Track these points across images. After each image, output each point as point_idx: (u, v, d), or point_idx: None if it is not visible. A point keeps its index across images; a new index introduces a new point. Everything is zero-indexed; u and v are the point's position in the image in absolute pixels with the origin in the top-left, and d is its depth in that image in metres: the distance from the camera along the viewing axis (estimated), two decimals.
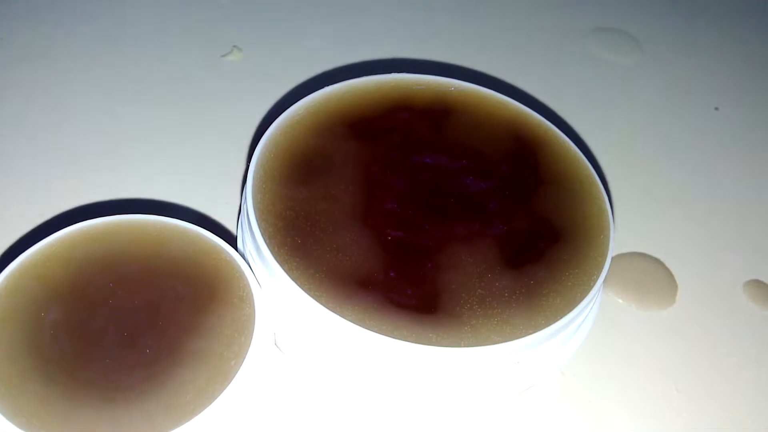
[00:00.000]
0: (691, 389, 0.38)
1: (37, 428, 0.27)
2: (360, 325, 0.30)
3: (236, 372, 0.29)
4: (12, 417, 0.27)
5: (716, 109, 0.54)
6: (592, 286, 0.33)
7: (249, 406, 0.30)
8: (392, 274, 0.33)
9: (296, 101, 0.39)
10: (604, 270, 0.34)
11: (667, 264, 0.44)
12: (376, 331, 0.30)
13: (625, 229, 0.45)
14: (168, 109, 0.48)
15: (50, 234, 0.33)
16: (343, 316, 0.31)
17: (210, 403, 0.28)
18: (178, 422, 0.28)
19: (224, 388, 0.29)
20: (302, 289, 0.31)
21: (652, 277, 0.43)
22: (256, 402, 0.31)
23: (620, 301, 0.42)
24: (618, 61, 0.58)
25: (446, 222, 0.35)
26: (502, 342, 0.31)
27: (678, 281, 0.43)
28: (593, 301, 0.34)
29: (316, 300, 0.31)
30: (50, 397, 0.28)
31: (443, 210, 0.35)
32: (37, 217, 0.40)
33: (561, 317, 0.32)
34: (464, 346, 0.30)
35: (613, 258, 0.43)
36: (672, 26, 0.62)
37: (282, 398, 0.36)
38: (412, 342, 0.30)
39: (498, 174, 0.37)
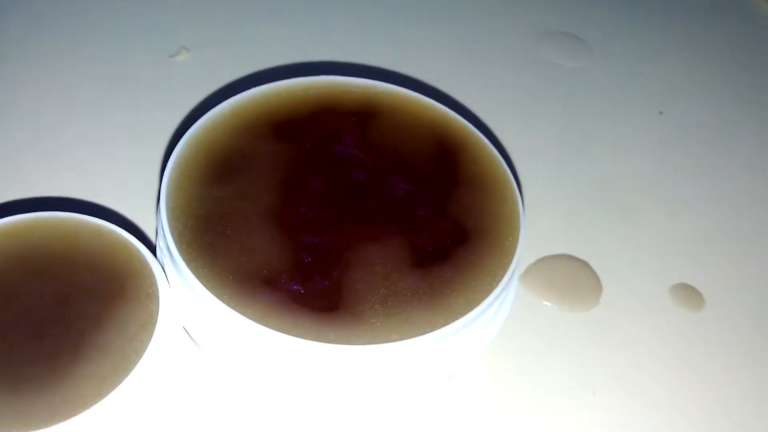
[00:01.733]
0: (608, 392, 0.39)
1: None
2: (260, 323, 0.31)
3: (135, 366, 0.30)
4: None
5: (660, 113, 0.55)
6: (495, 286, 0.34)
7: (150, 399, 0.31)
8: (299, 273, 0.33)
9: (222, 102, 0.40)
10: (509, 270, 0.35)
11: (593, 266, 0.44)
12: (275, 329, 0.31)
13: (555, 231, 0.45)
14: (102, 109, 0.48)
15: None
16: (243, 314, 0.31)
17: (106, 395, 0.29)
18: (76, 412, 0.29)
19: (121, 381, 0.30)
20: (206, 287, 0.32)
21: (577, 279, 0.44)
22: (157, 395, 0.32)
23: (545, 302, 0.42)
24: (565, 64, 0.58)
25: (359, 223, 0.36)
26: (400, 340, 0.32)
27: (603, 283, 0.44)
28: (497, 300, 0.34)
29: (218, 298, 0.32)
30: None
31: (358, 211, 0.36)
32: None
33: (460, 316, 0.33)
34: (361, 344, 0.31)
35: (540, 259, 0.44)
36: (620, 29, 0.62)
37: (187, 393, 0.36)
38: (310, 339, 0.31)
39: (416, 176, 0.38)
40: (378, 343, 0.31)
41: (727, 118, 0.56)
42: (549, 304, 0.42)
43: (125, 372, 0.30)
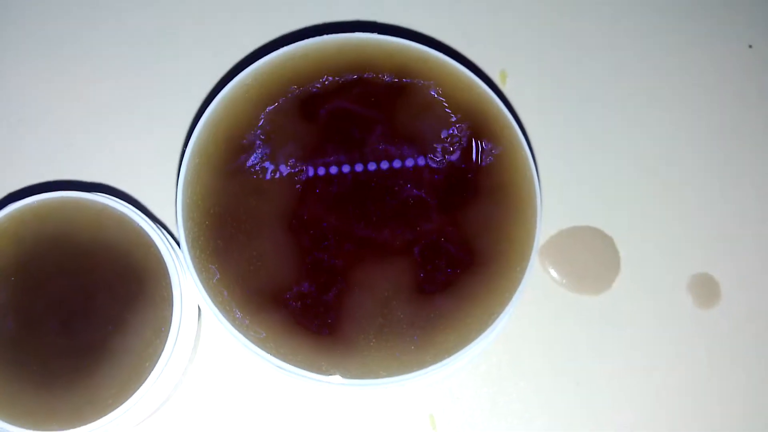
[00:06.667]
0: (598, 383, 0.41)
1: None
2: (260, 347, 0.34)
3: (149, 373, 0.34)
4: None
5: (750, 47, 0.48)
6: (489, 325, 0.35)
7: (161, 406, 0.36)
8: (303, 291, 0.35)
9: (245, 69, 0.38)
10: (507, 308, 0.35)
11: (617, 244, 0.44)
12: (274, 354, 0.34)
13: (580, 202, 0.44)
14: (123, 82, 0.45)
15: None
16: (246, 336, 0.34)
17: (126, 400, 0.34)
18: (100, 414, 0.33)
19: (138, 388, 0.34)
20: (213, 301, 0.34)
21: (598, 257, 0.43)
22: (169, 401, 0.36)
23: (554, 274, 0.43)
24: None
25: (368, 235, 0.36)
26: (388, 376, 0.34)
27: (622, 265, 0.43)
28: (489, 335, 0.35)
29: (225, 317, 0.34)
30: None
31: (372, 217, 0.36)
32: None
33: (449, 355, 0.34)
34: (351, 378, 0.34)
35: (563, 230, 0.44)
36: None
37: (195, 398, 0.40)
38: (304, 369, 0.34)
39: (435, 176, 0.37)
40: (367, 378, 0.34)
41: None
42: (559, 277, 0.43)
43: (141, 378, 0.34)
